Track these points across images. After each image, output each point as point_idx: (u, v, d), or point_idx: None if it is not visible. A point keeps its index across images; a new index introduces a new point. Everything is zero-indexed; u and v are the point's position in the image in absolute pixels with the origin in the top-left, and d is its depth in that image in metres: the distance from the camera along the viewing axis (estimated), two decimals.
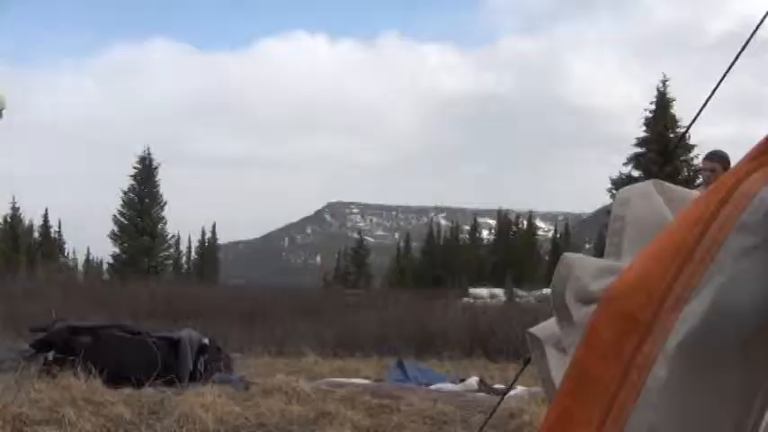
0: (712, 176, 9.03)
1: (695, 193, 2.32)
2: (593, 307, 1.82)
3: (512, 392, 7.83)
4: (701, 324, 1.64)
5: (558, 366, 2.18)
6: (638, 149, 55.77)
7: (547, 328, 2.32)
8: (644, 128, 55.61)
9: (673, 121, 54.17)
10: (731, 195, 1.66)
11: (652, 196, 2.20)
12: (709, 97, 3.18)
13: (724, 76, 3.04)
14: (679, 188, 2.41)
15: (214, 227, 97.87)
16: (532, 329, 2.40)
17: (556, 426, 1.79)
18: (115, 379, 7.62)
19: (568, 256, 2.05)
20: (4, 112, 9.88)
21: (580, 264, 2.00)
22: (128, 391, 7.35)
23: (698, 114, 3.39)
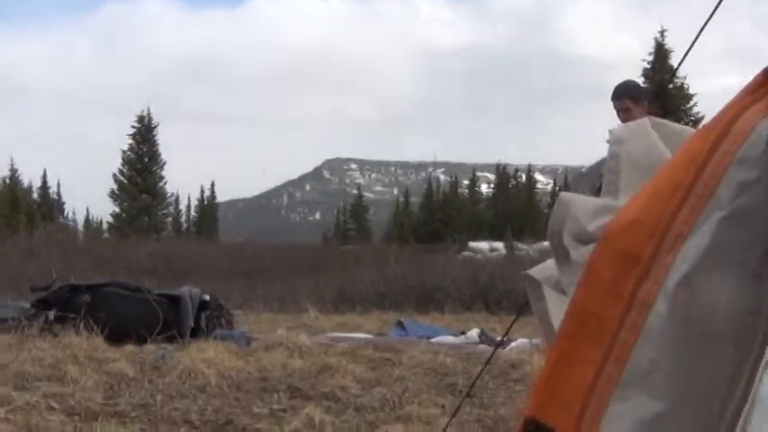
0: (628, 116, 8.72)
1: (690, 130, 2.30)
2: (592, 246, 1.81)
3: (513, 344, 7.85)
4: (701, 260, 1.63)
5: (556, 307, 2.17)
6: None
7: (545, 269, 2.31)
8: (643, 79, 55.46)
9: (671, 72, 53.96)
10: (729, 130, 1.64)
11: (647, 133, 2.18)
12: (698, 34, 3.15)
13: (712, 14, 3.01)
14: (674, 124, 2.39)
15: (213, 185, 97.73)
16: (530, 271, 2.39)
17: (556, 367, 1.79)
18: (116, 336, 7.64)
19: (565, 195, 2.04)
20: None
21: (577, 203, 1.98)
22: (129, 347, 7.38)
23: (687, 51, 3.36)
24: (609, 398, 1.71)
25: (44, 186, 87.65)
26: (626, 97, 8.56)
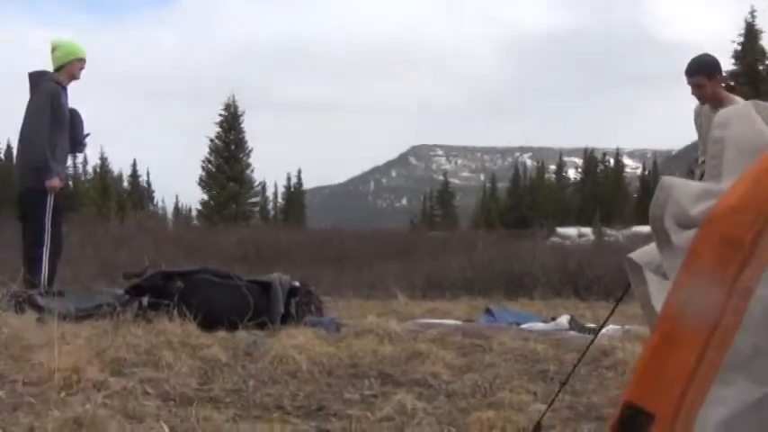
0: (702, 92, 8.55)
1: None
2: (694, 231, 1.79)
3: (603, 330, 7.78)
4: None
5: (658, 292, 2.15)
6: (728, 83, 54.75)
7: (646, 253, 2.28)
8: (733, 61, 54.61)
9: (762, 54, 53.10)
10: None
11: (751, 117, 2.14)
12: None
13: None
14: None
15: (299, 172, 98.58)
16: (632, 255, 2.36)
17: (656, 351, 1.77)
18: (208, 322, 7.72)
19: (667, 179, 2.01)
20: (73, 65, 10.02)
21: (679, 187, 1.95)
22: (221, 334, 7.44)
23: None
24: (710, 383, 1.69)
25: (134, 175, 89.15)
26: (700, 73, 8.41)
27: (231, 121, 69.82)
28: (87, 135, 10.17)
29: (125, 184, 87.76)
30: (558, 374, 6.11)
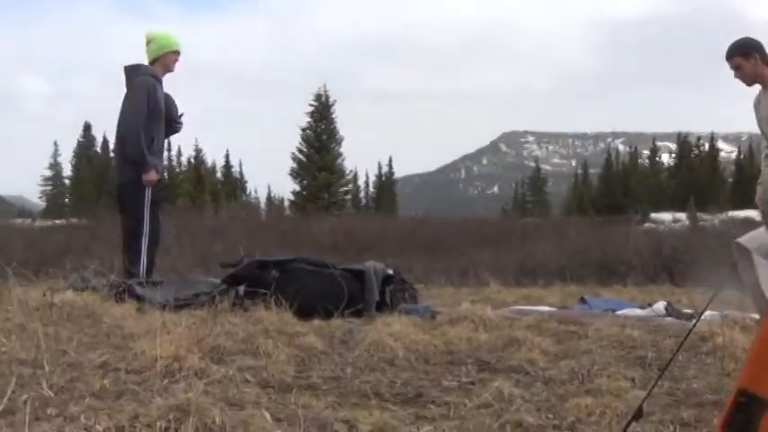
0: (742, 73, 8.37)
1: None
2: None
3: (702, 316, 7.67)
4: None
5: (767, 276, 2.12)
6: None
7: (755, 238, 2.26)
8: None
9: None
10: None
11: None
12: None
13: None
14: None
15: (390, 161, 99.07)
16: (740, 239, 2.33)
17: None
18: (304, 311, 7.77)
19: None
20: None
21: None
22: (317, 322, 7.50)
23: None
24: None
25: (227, 166, 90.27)
26: (736, 55, 8.28)
27: (322, 111, 70.19)
28: (182, 114, 10.28)
29: (218, 175, 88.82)
30: (656, 361, 6.05)
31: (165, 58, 9.80)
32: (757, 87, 8.25)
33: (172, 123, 10.03)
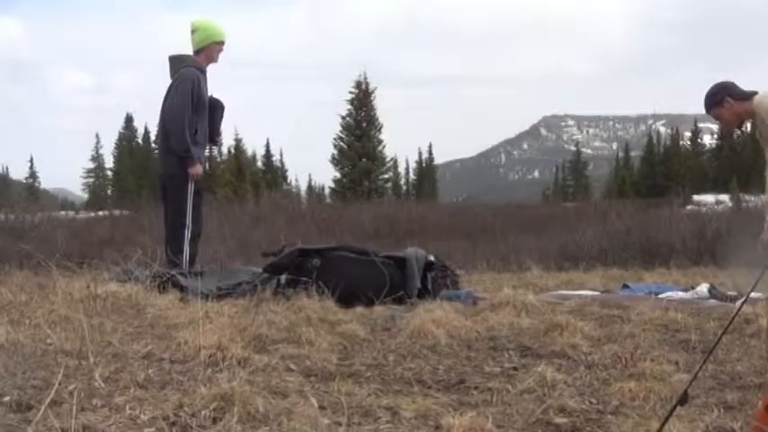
0: (725, 120, 8.50)
1: None
2: None
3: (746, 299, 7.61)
4: None
5: None
6: None
7: None
8: None
9: None
10: None
11: None
12: None
13: None
14: None
15: (430, 147, 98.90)
16: None
17: None
18: (346, 299, 7.79)
19: None
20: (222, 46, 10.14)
21: None
22: (359, 309, 7.51)
23: None
24: None
25: (267, 155, 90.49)
26: (711, 108, 8.44)
27: (362, 99, 70.17)
28: (221, 134, 10.32)
29: (259, 164, 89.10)
30: (699, 344, 6.02)
31: (209, 49, 9.74)
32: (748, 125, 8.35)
33: (213, 135, 10.05)
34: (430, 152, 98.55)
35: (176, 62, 9.72)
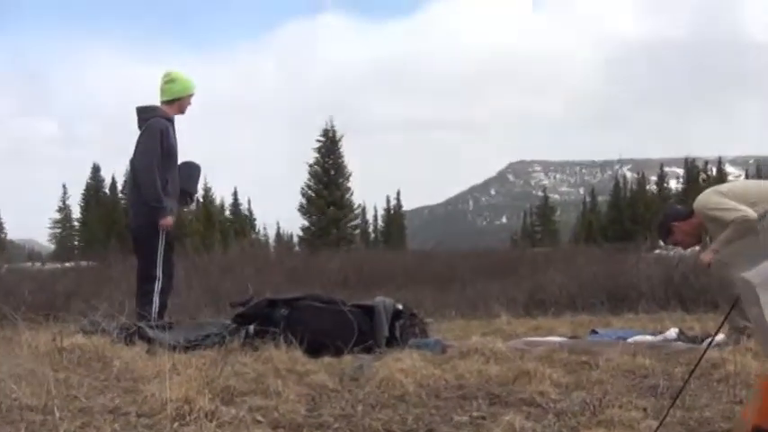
0: (684, 243, 9.32)
1: None
2: None
3: (712, 343, 7.65)
4: None
5: None
6: None
7: (761, 272, 2.25)
8: None
9: None
10: None
11: None
12: None
13: None
14: None
15: (398, 194, 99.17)
16: (745, 274, 2.32)
17: None
18: (314, 348, 7.78)
19: None
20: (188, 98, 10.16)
21: None
22: (327, 359, 7.50)
23: None
24: None
25: (235, 203, 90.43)
26: (665, 238, 9.31)
27: (330, 147, 70.35)
28: (194, 195, 10.36)
29: (227, 213, 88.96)
30: (668, 389, 6.03)
31: (183, 101, 9.81)
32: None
33: (186, 195, 10.05)
34: (398, 199, 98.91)
35: (144, 113, 9.73)
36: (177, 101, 9.77)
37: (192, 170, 9.96)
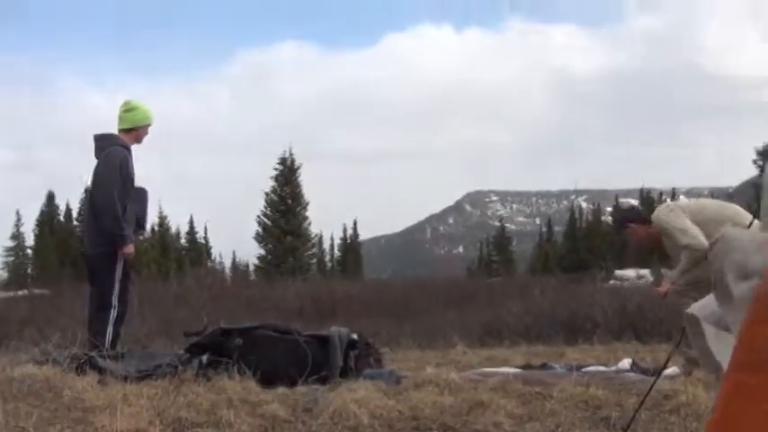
0: (641, 245, 9.46)
1: None
2: (753, 282, 1.77)
3: (665, 373, 7.68)
4: None
5: (717, 344, 2.13)
6: None
7: (706, 306, 2.26)
8: None
9: None
10: None
11: None
12: None
13: None
14: None
15: (355, 223, 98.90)
16: (691, 309, 2.34)
17: (731, 399, 1.75)
18: (268, 378, 7.73)
19: (726, 232, 1.99)
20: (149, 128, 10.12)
21: (738, 238, 1.94)
22: (281, 389, 7.44)
23: None
24: None
25: (191, 231, 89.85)
26: (619, 231, 9.29)
27: (287, 175, 70.09)
28: (144, 227, 10.32)
29: (183, 241, 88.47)
30: (620, 420, 6.05)
31: (141, 130, 9.74)
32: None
33: (138, 223, 9.98)
34: (355, 228, 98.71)
35: (101, 141, 9.64)
36: (135, 130, 9.70)
37: (140, 195, 9.90)
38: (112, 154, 9.42)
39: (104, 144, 9.58)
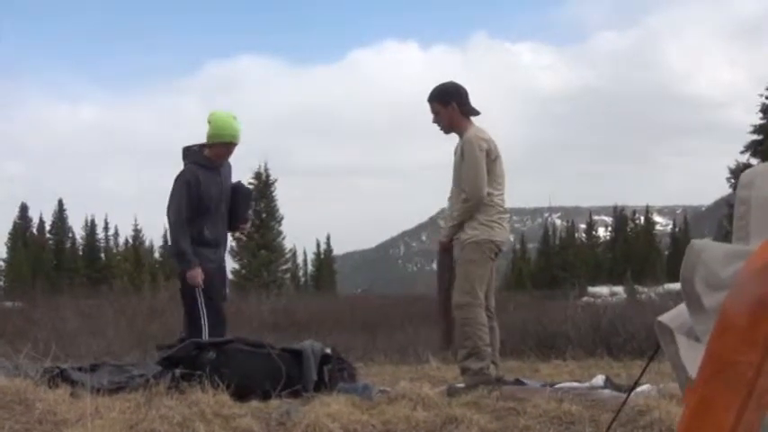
0: (438, 119, 8.89)
1: None
2: (725, 293, 1.79)
3: (639, 389, 7.71)
4: None
5: (689, 354, 2.14)
6: (756, 137, 54.77)
7: (677, 316, 2.28)
8: (760, 114, 54.54)
9: None
10: None
11: None
12: None
13: None
14: None
15: (328, 238, 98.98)
16: (662, 318, 2.35)
17: (696, 413, 1.77)
18: (241, 392, 7.71)
19: (696, 243, 2.01)
20: None
21: (709, 249, 1.95)
22: (254, 403, 7.42)
23: None
24: None
25: (165, 245, 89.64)
26: (434, 101, 8.71)
27: (262, 190, 70.05)
28: (249, 220, 10.03)
29: (156, 254, 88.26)
30: None
31: (217, 147, 9.22)
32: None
33: (237, 222, 9.69)
34: (328, 243, 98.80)
35: (183, 155, 9.30)
36: (212, 147, 9.24)
37: (236, 196, 9.53)
38: (180, 176, 9.10)
39: (185, 159, 9.26)
